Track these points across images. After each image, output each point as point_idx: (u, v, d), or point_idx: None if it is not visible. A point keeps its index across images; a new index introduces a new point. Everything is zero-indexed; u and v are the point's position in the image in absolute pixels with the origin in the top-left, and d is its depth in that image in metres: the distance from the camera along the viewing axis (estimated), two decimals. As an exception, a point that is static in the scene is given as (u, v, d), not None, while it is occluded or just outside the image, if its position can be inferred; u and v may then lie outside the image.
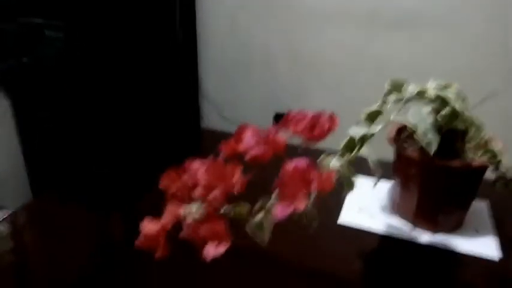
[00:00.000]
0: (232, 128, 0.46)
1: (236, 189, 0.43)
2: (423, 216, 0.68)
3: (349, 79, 1.67)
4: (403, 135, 0.71)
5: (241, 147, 0.43)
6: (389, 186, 0.79)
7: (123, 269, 0.62)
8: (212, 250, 0.40)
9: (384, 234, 0.69)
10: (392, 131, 0.70)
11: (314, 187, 0.41)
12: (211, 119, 1.95)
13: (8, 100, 1.67)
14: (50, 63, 1.46)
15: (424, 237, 0.67)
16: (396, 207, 0.73)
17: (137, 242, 0.41)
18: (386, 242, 0.68)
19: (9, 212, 1.39)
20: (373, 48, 1.62)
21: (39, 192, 1.73)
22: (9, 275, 0.63)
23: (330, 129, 0.45)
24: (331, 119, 0.45)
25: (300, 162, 0.43)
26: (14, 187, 1.72)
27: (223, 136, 0.47)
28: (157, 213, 0.42)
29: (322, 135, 0.44)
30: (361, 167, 0.55)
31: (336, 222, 0.71)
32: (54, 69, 1.47)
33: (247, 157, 0.42)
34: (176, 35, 1.70)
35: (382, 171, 0.55)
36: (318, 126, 0.45)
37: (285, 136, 0.43)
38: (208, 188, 0.41)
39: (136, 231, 0.40)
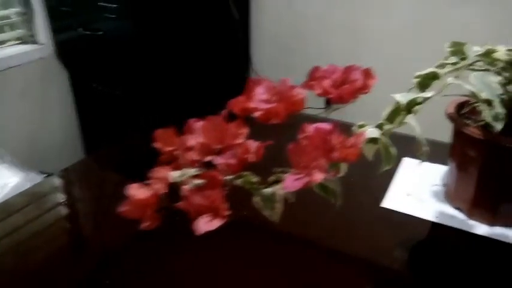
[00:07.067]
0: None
1: (252, 158, 0.36)
2: (481, 206, 0.58)
3: (408, 55, 1.51)
4: (464, 110, 0.60)
5: (252, 104, 0.36)
6: (443, 171, 0.69)
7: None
8: (204, 224, 0.33)
9: (433, 222, 0.60)
10: (451, 106, 0.60)
11: (336, 156, 0.33)
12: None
13: (67, 71, 1.73)
14: (105, 36, 1.46)
15: (481, 228, 0.58)
16: (450, 194, 0.63)
17: (122, 210, 0.35)
18: (436, 230, 0.59)
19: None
20: (438, 21, 1.45)
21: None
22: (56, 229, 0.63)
23: (365, 87, 0.35)
24: (367, 73, 0.36)
25: (323, 125, 0.34)
26: (69, 155, 1.79)
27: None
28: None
29: (353, 93, 0.35)
30: (410, 147, 0.46)
31: (379, 205, 0.63)
32: (109, 42, 1.48)
33: (257, 115, 0.34)
34: (229, 5, 1.64)
35: (436, 153, 0.46)
36: (348, 82, 0.35)
37: (304, 92, 0.35)
38: (205, 151, 0.34)
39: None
